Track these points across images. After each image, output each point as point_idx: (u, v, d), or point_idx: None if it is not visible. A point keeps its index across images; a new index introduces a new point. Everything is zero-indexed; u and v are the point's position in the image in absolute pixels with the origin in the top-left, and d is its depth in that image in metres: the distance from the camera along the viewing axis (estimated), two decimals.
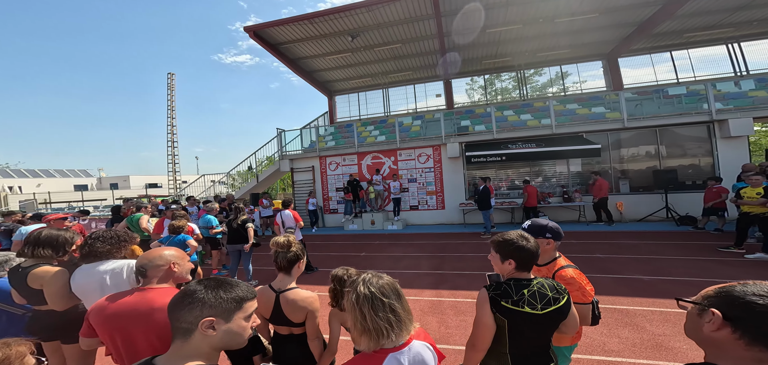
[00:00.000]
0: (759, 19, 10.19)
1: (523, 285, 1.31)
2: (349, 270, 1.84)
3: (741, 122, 7.30)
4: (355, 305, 1.01)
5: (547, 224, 1.70)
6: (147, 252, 1.52)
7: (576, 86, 14.04)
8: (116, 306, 1.35)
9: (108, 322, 1.33)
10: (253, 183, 13.05)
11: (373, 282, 1.05)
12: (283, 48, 11.88)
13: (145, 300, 1.35)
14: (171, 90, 37.00)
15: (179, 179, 37.47)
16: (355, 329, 1.02)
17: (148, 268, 1.44)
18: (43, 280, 1.97)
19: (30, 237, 2.09)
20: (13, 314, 2.21)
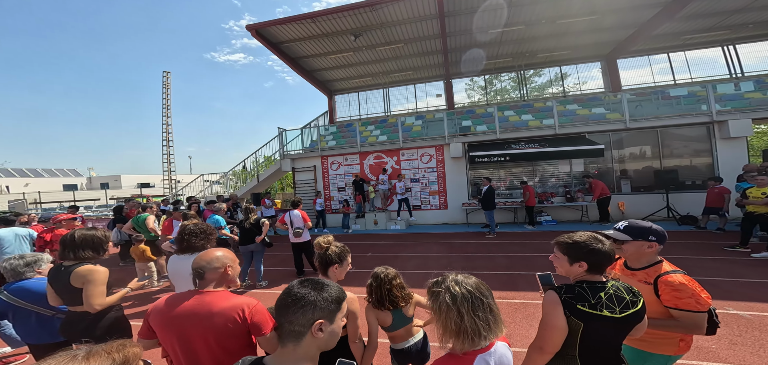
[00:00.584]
0: (755, 22, 10.40)
1: (599, 288, 1.26)
2: (389, 269, 1.86)
3: (740, 123, 7.44)
4: (452, 305, 0.99)
5: (651, 226, 1.57)
6: (203, 253, 1.51)
7: (575, 87, 14.18)
8: (176, 308, 1.37)
9: (168, 324, 1.35)
10: (253, 183, 12.93)
11: (468, 282, 1.04)
12: (284, 46, 11.78)
13: (203, 304, 1.36)
14: (166, 88, 36.43)
15: (174, 179, 37.05)
16: (446, 330, 1.00)
17: (206, 270, 1.44)
18: (86, 278, 1.97)
19: (65, 239, 2.07)
20: (42, 315, 2.18)
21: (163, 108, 36.97)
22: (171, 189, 35.60)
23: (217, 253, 1.50)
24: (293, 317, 0.92)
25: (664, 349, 1.49)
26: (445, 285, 1.06)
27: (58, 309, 2.17)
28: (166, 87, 37.10)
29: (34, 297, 2.17)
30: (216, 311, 1.33)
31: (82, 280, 1.97)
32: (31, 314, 2.16)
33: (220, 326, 1.30)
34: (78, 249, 2.04)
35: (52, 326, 2.20)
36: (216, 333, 1.30)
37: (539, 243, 6.75)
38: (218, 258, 1.48)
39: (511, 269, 5.15)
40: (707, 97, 7.80)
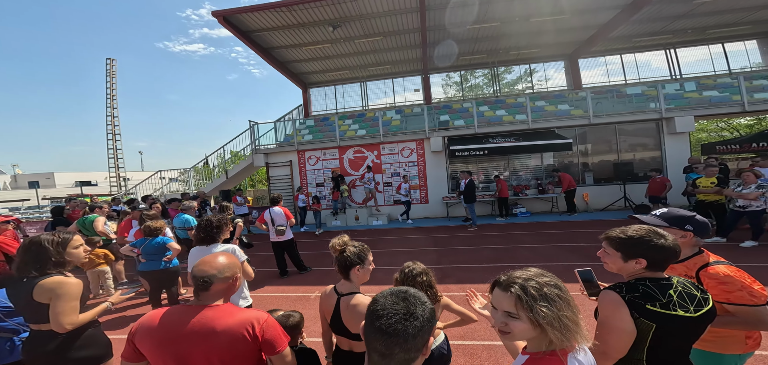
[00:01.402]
0: (692, 28, 11.73)
1: (665, 286, 1.16)
2: (417, 264, 1.78)
3: (684, 120, 8.41)
4: (560, 296, 0.86)
5: (694, 215, 1.44)
6: (207, 259, 1.29)
7: (541, 84, 15.06)
8: (173, 326, 1.17)
9: (162, 345, 1.16)
10: (221, 179, 12.16)
11: (552, 279, 0.90)
12: (255, 36, 11.09)
13: (206, 321, 1.17)
14: (111, 77, 32.79)
15: (122, 176, 33.74)
16: (553, 326, 0.83)
17: (214, 280, 1.23)
18: (54, 293, 1.68)
19: (25, 245, 1.78)
20: None
21: (108, 98, 33.39)
22: (119, 188, 32.50)
23: (223, 260, 1.28)
24: (412, 343, 0.74)
25: (731, 348, 1.37)
26: (543, 279, 0.89)
27: (1, 327, 1.88)
28: (110, 76, 33.44)
29: None
30: (221, 329, 1.15)
31: (48, 295, 1.68)
32: None
33: (226, 346, 1.14)
34: (41, 258, 1.74)
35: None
36: (221, 354, 1.15)
37: (520, 235, 7.12)
38: (228, 265, 1.28)
39: (498, 262, 5.37)
40: (657, 95, 8.70)
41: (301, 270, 5.58)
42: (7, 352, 1.91)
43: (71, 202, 6.78)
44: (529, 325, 0.85)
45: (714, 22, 11.46)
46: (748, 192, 4.24)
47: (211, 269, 1.23)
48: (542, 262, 5.00)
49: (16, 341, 1.95)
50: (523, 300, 0.85)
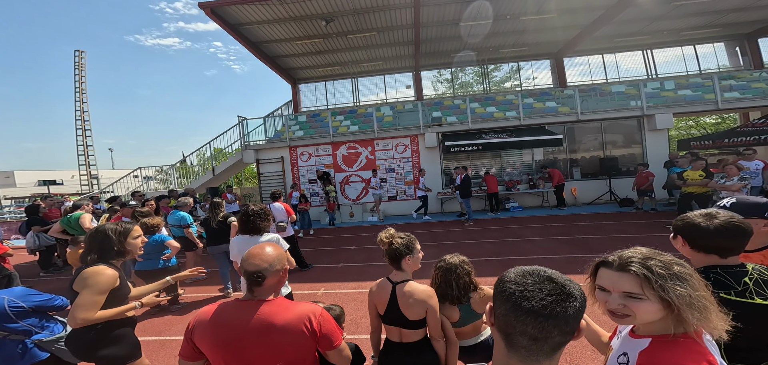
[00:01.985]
0: (668, 30, 12.38)
1: (740, 273, 1.10)
2: (458, 257, 1.75)
3: (664, 117, 8.91)
4: (687, 281, 0.81)
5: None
6: (256, 251, 1.23)
7: (529, 82, 15.47)
8: (230, 323, 1.14)
9: (220, 343, 1.13)
10: (208, 176, 11.77)
11: (674, 257, 0.86)
12: (244, 29, 10.72)
13: (264, 316, 1.14)
14: (80, 70, 30.70)
15: (93, 174, 31.91)
16: (691, 308, 0.78)
17: (267, 274, 1.18)
18: (84, 282, 1.67)
19: (88, 235, 1.88)
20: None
21: (77, 92, 31.35)
22: (90, 186, 30.79)
23: (272, 251, 1.24)
24: (571, 324, 0.65)
25: None
26: (664, 257, 0.84)
27: (12, 328, 1.77)
28: (79, 68, 31.36)
29: None
30: (279, 325, 1.11)
31: (81, 284, 1.67)
32: None
33: (287, 343, 1.11)
34: (105, 246, 1.79)
35: (2, 352, 1.76)
36: (282, 351, 1.11)
37: (516, 229, 7.31)
38: (278, 257, 1.24)
39: (501, 255, 5.46)
40: (640, 94, 9.16)
41: (303, 267, 5.50)
42: (19, 356, 1.79)
43: (47, 200, 6.34)
44: (659, 306, 0.80)
45: (687, 25, 12.15)
46: (731, 184, 4.55)
47: (262, 262, 1.19)
48: (545, 255, 5.17)
49: (29, 344, 1.83)
50: (651, 280, 0.79)
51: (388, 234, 1.69)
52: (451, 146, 9.52)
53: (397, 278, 1.59)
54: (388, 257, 1.63)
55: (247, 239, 2.45)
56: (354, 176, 11.09)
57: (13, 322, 1.79)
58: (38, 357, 1.83)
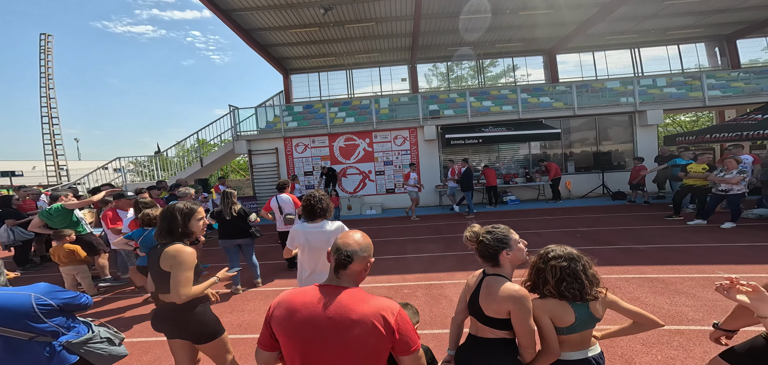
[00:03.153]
0: (655, 29, 12.83)
1: None
2: (566, 249, 1.43)
3: (655, 113, 9.24)
4: None
5: None
6: (349, 233, 1.18)
7: (523, 77, 15.67)
8: (305, 308, 1.06)
9: (293, 332, 1.05)
10: (195, 168, 11.23)
11: None
12: (236, 15, 10.22)
13: (340, 305, 1.05)
14: (46, 54, 28.53)
15: (61, 164, 30.03)
16: None
17: (355, 257, 1.12)
18: (174, 260, 1.73)
19: (161, 214, 1.88)
20: (12, 340, 1.56)
21: (43, 78, 29.18)
22: (58, 178, 29.02)
23: (362, 238, 1.19)
24: None
25: None
26: None
27: (40, 329, 1.60)
28: (45, 52, 29.15)
29: (5, 315, 1.53)
30: (355, 317, 1.01)
31: (169, 263, 1.73)
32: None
33: (359, 342, 1.00)
34: (180, 224, 1.83)
35: (30, 354, 1.57)
36: (354, 346, 1.01)
37: (518, 221, 7.40)
38: (368, 245, 1.18)
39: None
40: (633, 90, 9.45)
41: None
42: (46, 360, 1.59)
43: (21, 191, 5.84)
44: None
45: (674, 25, 12.62)
46: (730, 177, 4.75)
47: (354, 244, 1.14)
48: None
49: (57, 346, 1.63)
50: None
51: (472, 233, 1.47)
52: (451, 139, 9.50)
53: (490, 270, 1.43)
54: (480, 257, 1.45)
55: (310, 226, 2.34)
56: (351, 168, 10.90)
57: (42, 322, 1.59)
58: (68, 361, 1.65)
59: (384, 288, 4.17)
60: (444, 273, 4.47)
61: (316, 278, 2.33)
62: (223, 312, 3.60)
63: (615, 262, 4.42)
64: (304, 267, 2.33)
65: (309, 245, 2.28)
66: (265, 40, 12.30)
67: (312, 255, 2.28)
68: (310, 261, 2.30)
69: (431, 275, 4.43)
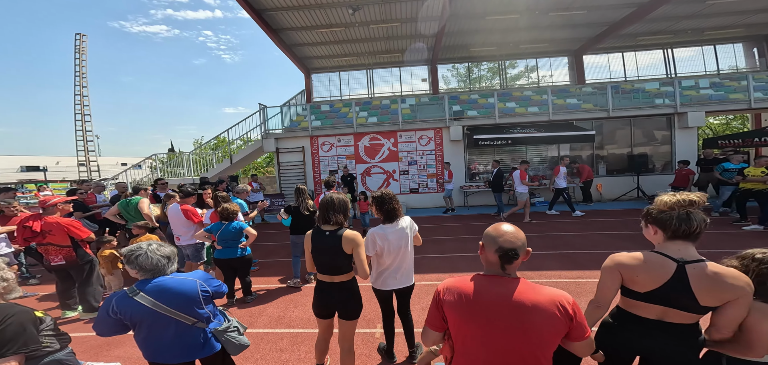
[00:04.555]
0: (692, 29, 12.33)
1: None
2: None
3: (696, 115, 8.86)
4: None
5: None
6: (508, 229, 1.19)
7: (546, 79, 15.36)
8: (485, 297, 1.14)
9: (474, 316, 1.13)
10: (225, 164, 11.52)
11: None
12: (267, 15, 10.46)
13: (517, 294, 1.12)
14: (80, 53, 30.15)
15: (92, 160, 31.47)
16: None
17: (520, 252, 1.16)
18: (355, 242, 2.01)
19: (326, 201, 2.12)
20: (182, 324, 1.64)
21: (77, 76, 30.83)
22: (88, 173, 30.46)
23: (518, 232, 1.21)
24: None
25: None
26: None
27: (201, 315, 1.67)
28: (80, 52, 30.79)
29: (179, 300, 1.61)
30: (532, 304, 1.09)
31: (351, 245, 2.00)
32: (170, 323, 1.59)
33: (541, 322, 1.08)
34: (338, 213, 2.08)
35: (192, 338, 1.65)
36: (534, 329, 1.08)
37: (554, 223, 7.22)
38: (524, 239, 1.21)
39: (559, 248, 5.30)
40: (674, 92, 9.09)
41: None
42: (200, 345, 1.67)
43: (84, 185, 6.11)
44: None
45: (712, 24, 12.11)
46: None
47: (517, 241, 1.17)
48: (605, 249, 5.07)
49: (208, 333, 1.70)
50: None
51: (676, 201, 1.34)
52: (479, 139, 9.39)
53: (684, 254, 1.32)
54: (680, 236, 1.34)
55: (388, 228, 2.34)
56: (376, 168, 10.94)
57: (201, 308, 1.67)
58: (215, 348, 1.71)
59: (432, 288, 4.12)
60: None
61: (394, 274, 2.36)
62: (287, 307, 3.65)
63: None
64: (383, 267, 2.35)
65: (389, 245, 2.31)
66: (291, 40, 12.54)
67: (394, 254, 2.33)
68: (388, 259, 2.33)
69: None
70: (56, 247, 3.20)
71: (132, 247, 1.61)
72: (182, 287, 1.61)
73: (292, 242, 4.26)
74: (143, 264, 1.57)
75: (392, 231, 2.33)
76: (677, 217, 1.32)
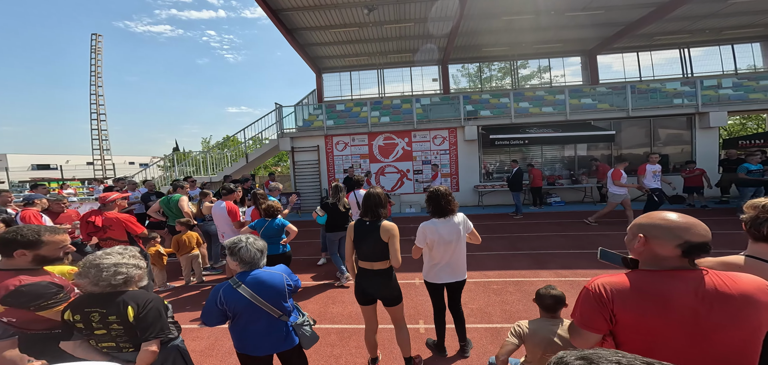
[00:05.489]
0: (711, 28, 12.15)
1: None
2: None
3: (718, 115, 8.73)
4: None
5: None
6: (690, 220, 1.13)
7: (556, 78, 15.25)
8: (674, 293, 1.05)
9: (673, 314, 1.03)
10: (241, 163, 11.66)
11: None
12: (283, 14, 10.58)
13: (714, 286, 1.04)
14: (96, 53, 30.76)
15: (107, 159, 32.08)
16: None
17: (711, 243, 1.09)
18: (392, 233, 2.20)
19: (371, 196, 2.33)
20: (272, 317, 1.69)
21: (92, 76, 31.45)
22: (103, 171, 31.05)
23: (698, 221, 1.17)
24: None
25: None
26: None
27: (286, 308, 1.72)
28: (95, 52, 31.41)
29: (271, 292, 1.66)
30: (735, 293, 1.03)
31: (388, 234, 2.18)
32: (262, 316, 1.65)
33: (745, 316, 1.03)
34: (380, 206, 2.29)
35: (278, 331, 1.70)
36: (742, 318, 1.01)
37: (573, 223, 7.18)
38: None
39: (584, 247, 5.29)
40: (695, 91, 8.97)
41: None
42: (283, 338, 1.72)
43: (119, 182, 6.26)
44: None
45: (730, 24, 11.91)
46: None
47: (707, 233, 1.10)
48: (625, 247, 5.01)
49: (289, 326, 1.76)
50: None
51: None
52: (495, 139, 9.38)
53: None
54: None
55: (440, 221, 2.41)
56: (389, 167, 10.97)
57: (286, 301, 1.73)
58: (294, 342, 1.76)
59: (474, 284, 4.07)
60: (523, 270, 4.42)
61: (446, 268, 2.39)
62: (325, 304, 3.69)
63: None
64: (434, 260, 2.40)
65: (441, 238, 2.37)
66: (304, 40, 12.65)
67: (444, 247, 2.38)
68: (439, 253, 2.38)
69: (512, 272, 4.35)
70: (115, 242, 3.30)
71: (233, 239, 1.69)
72: (273, 280, 1.67)
73: (329, 240, 4.27)
74: (244, 257, 1.64)
75: (444, 225, 2.38)
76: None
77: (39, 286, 1.47)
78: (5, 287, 1.42)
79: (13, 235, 1.51)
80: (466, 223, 2.47)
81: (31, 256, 1.53)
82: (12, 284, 1.43)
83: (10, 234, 1.51)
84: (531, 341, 1.63)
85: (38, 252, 1.54)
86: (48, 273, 1.57)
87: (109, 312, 1.37)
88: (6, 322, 1.46)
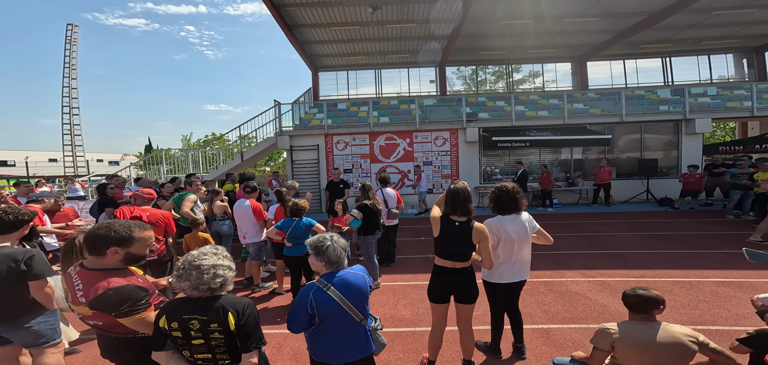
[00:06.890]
0: (691, 38, 12.89)
1: None
2: None
3: (703, 121, 9.28)
4: None
5: None
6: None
7: (548, 83, 15.73)
8: None
9: None
10: (236, 161, 11.29)
11: None
12: (285, 10, 10.33)
13: None
14: (71, 44, 28.88)
15: (79, 156, 30.30)
16: None
17: None
18: (483, 234, 2.14)
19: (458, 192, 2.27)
20: (354, 321, 1.59)
21: (66, 68, 29.55)
22: (75, 168, 29.31)
23: None
24: None
25: None
26: None
27: (366, 312, 1.63)
28: (70, 43, 29.51)
29: (357, 295, 1.56)
30: None
31: (480, 236, 2.13)
32: (345, 319, 1.54)
33: None
34: (469, 201, 2.21)
35: (358, 337, 1.60)
36: None
37: (580, 224, 7.38)
38: None
39: (600, 248, 5.41)
40: (683, 98, 9.50)
41: (389, 261, 5.25)
42: (362, 345, 1.61)
43: (114, 179, 5.88)
44: None
45: (710, 34, 12.69)
46: None
47: None
48: (643, 249, 5.23)
49: (368, 331, 1.66)
50: None
51: None
52: (498, 141, 9.55)
53: None
54: None
55: (506, 219, 2.41)
56: (391, 167, 10.94)
57: (367, 304, 1.63)
58: (371, 349, 1.67)
59: None
60: (547, 270, 4.48)
61: (511, 267, 2.38)
62: None
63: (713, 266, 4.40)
64: (497, 259, 2.38)
65: (507, 236, 2.36)
66: (303, 37, 12.40)
67: (509, 246, 2.36)
68: (504, 251, 2.37)
69: (536, 273, 4.35)
70: (156, 240, 3.09)
71: (319, 237, 1.57)
72: (358, 282, 1.57)
73: (366, 242, 4.09)
74: (331, 256, 1.53)
75: (511, 222, 2.38)
76: None
77: (127, 289, 1.34)
78: (95, 290, 1.29)
79: (105, 232, 1.38)
80: (531, 222, 2.47)
81: (122, 254, 1.40)
82: (101, 287, 1.30)
83: (103, 230, 1.38)
84: (623, 343, 1.64)
85: (129, 249, 1.42)
86: (133, 274, 1.44)
87: (210, 319, 1.26)
88: (92, 325, 1.33)
